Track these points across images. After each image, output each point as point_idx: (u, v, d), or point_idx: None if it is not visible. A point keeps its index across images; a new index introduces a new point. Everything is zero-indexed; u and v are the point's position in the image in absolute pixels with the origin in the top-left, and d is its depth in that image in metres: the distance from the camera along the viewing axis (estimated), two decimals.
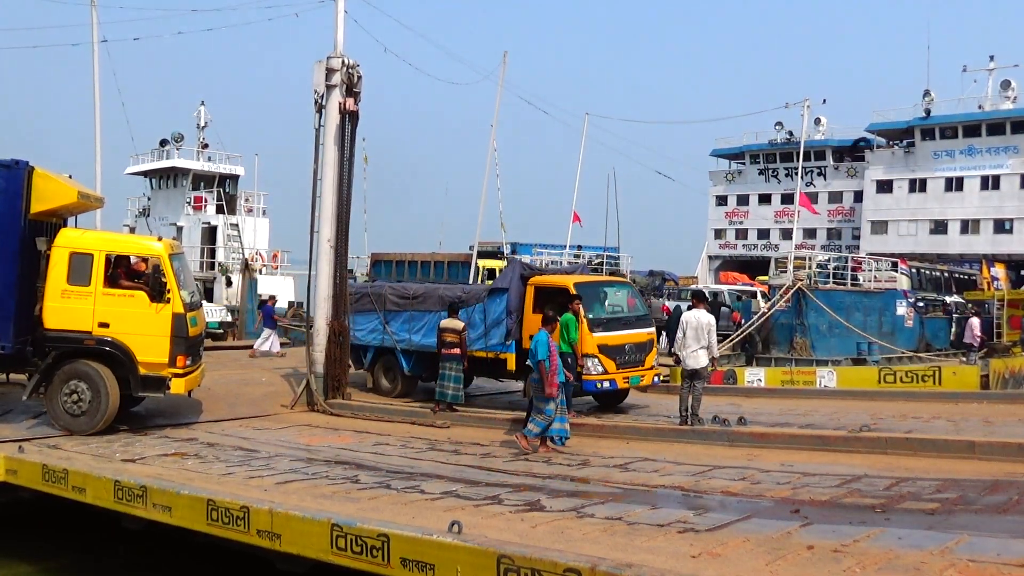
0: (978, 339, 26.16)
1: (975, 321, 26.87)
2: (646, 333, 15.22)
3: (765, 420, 13.49)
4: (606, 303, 15.31)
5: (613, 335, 14.52)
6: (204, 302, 25.68)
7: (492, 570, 6.07)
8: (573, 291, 14.25)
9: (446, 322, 14.91)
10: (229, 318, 28.45)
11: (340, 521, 7.22)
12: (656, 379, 15.96)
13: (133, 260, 13.10)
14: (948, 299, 33.20)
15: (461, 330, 14.72)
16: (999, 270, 39.22)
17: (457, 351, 14.64)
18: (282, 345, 25.99)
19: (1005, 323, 28.61)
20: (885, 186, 54.59)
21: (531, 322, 14.53)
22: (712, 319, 12.59)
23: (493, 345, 15.41)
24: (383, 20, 21.89)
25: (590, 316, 14.34)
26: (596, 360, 14.20)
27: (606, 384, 14.38)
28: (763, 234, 62.30)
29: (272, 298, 25.99)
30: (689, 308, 13.48)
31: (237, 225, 39.44)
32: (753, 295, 33.98)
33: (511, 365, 15.19)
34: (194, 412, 14.61)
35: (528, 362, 12.19)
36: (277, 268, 40.81)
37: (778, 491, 8.75)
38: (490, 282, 36.67)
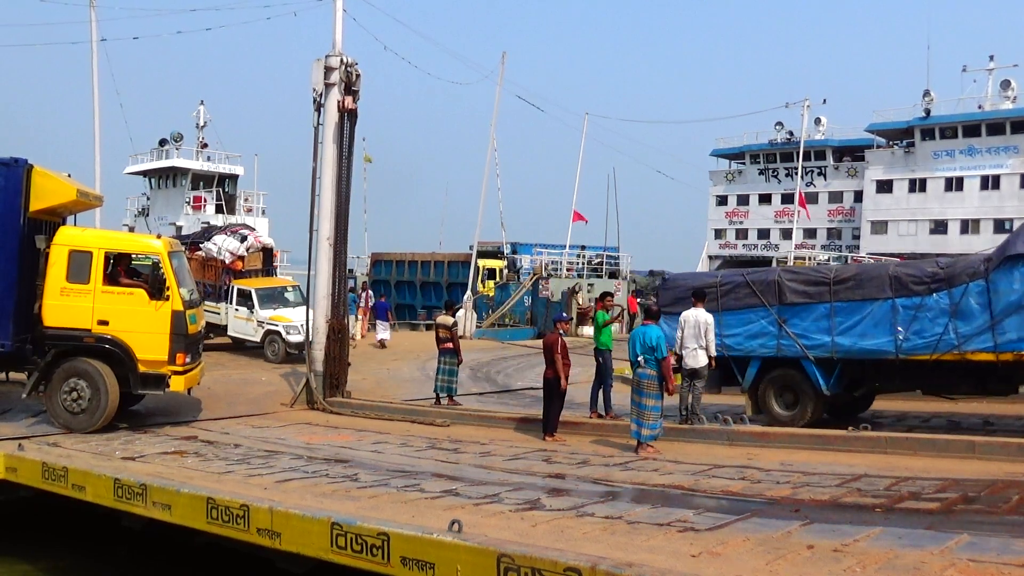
0: None
1: None
2: None
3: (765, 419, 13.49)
4: None
5: None
6: (298, 309, 25.43)
7: (492, 569, 6.06)
8: None
9: (442, 318, 16.10)
10: None
11: (340, 520, 7.21)
12: None
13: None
14: None
15: (452, 326, 15.79)
16: None
17: (450, 345, 15.54)
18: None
19: None
20: (885, 186, 54.61)
21: None
22: (710, 318, 12.43)
23: (1009, 342, 10.78)
24: (382, 19, 21.90)
25: None
26: None
27: None
28: (763, 234, 62.31)
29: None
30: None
31: None
32: None
33: None
34: (194, 410, 14.61)
35: (640, 356, 11.11)
36: (276, 268, 40.75)
37: (778, 490, 8.74)
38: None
